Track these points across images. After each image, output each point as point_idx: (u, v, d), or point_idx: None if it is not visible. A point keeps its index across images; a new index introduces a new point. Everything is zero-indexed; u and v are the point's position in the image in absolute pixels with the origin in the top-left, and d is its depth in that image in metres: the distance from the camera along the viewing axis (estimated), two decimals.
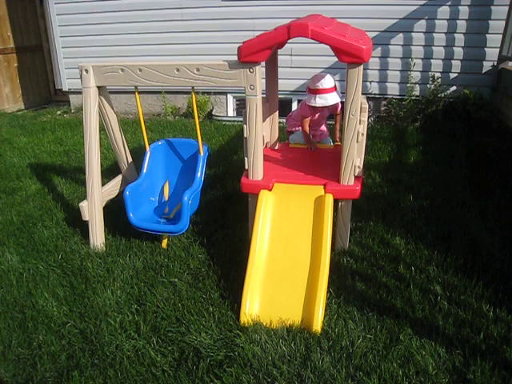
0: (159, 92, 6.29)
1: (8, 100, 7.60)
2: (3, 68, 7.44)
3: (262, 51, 2.44)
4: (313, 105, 3.07)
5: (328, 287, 2.36)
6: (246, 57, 2.47)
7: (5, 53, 7.41)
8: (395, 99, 5.64)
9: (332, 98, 3.05)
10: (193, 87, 2.82)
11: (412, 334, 2.17)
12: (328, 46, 2.42)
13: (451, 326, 2.21)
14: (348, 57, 2.36)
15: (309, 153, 3.22)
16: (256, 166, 2.73)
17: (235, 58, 2.54)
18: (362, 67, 2.41)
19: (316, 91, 3.04)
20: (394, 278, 2.58)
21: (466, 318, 2.25)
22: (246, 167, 2.77)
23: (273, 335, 2.18)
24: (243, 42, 2.50)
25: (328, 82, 3.03)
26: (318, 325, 2.20)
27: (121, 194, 3.09)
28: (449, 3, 5.20)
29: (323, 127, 3.47)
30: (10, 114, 7.18)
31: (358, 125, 2.53)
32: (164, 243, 2.98)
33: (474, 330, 2.17)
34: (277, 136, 3.35)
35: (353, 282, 2.56)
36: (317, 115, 3.26)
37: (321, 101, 3.05)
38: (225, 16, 5.88)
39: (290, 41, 2.51)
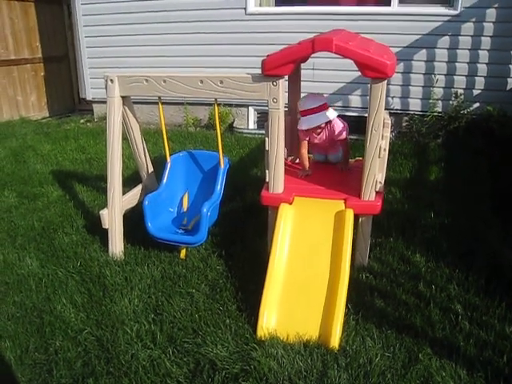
0: (181, 103, 6.35)
1: (34, 108, 7.77)
2: (30, 77, 7.63)
3: (285, 65, 2.46)
4: (299, 128, 2.94)
5: (346, 303, 2.33)
6: (270, 70, 2.48)
7: (33, 62, 7.61)
8: (417, 115, 5.59)
9: (316, 119, 2.85)
10: (216, 99, 2.85)
11: (432, 354, 2.12)
12: (350, 61, 2.42)
13: (472, 347, 2.15)
14: (372, 72, 2.36)
15: (330, 167, 3.19)
16: (277, 179, 2.73)
17: (258, 71, 2.55)
18: (385, 82, 2.40)
19: (301, 113, 2.91)
20: (414, 295, 2.54)
21: (488, 340, 2.19)
22: (267, 180, 2.77)
23: (289, 350, 2.15)
24: (267, 56, 2.51)
25: (308, 102, 2.86)
26: (335, 341, 2.17)
27: (141, 203, 3.12)
28: (473, 20, 5.16)
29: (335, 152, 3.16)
30: (35, 121, 7.33)
31: (380, 140, 2.52)
32: (182, 253, 2.98)
33: (496, 353, 2.11)
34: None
35: (372, 299, 2.52)
36: (316, 140, 3.02)
37: (306, 123, 2.88)
38: (248, 29, 5.94)
39: (313, 55, 2.52)
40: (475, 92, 5.42)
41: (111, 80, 2.85)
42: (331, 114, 2.92)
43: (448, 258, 2.87)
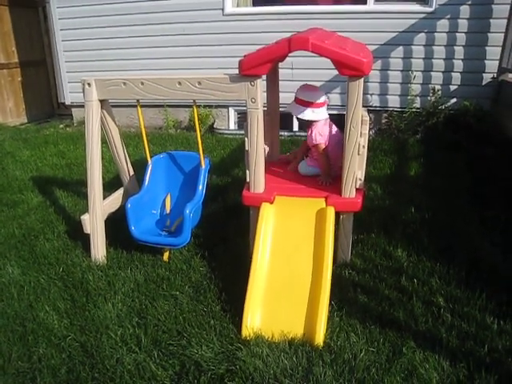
0: (161, 105, 6.32)
1: (11, 114, 7.66)
2: (7, 82, 7.51)
3: (262, 65, 2.46)
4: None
5: (330, 300, 2.35)
6: (247, 70, 2.49)
7: (9, 67, 7.49)
8: (396, 111, 5.66)
9: (294, 109, 2.87)
10: (194, 100, 2.84)
11: (415, 347, 2.15)
12: (328, 60, 2.44)
13: (455, 338, 2.19)
14: (349, 70, 2.38)
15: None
16: (257, 179, 2.73)
17: (236, 71, 2.56)
18: (362, 80, 2.42)
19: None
20: (397, 290, 2.57)
21: (469, 331, 2.23)
22: (248, 180, 2.78)
23: (274, 348, 2.16)
24: (244, 56, 2.52)
25: (302, 93, 2.85)
26: (320, 338, 2.18)
27: (122, 206, 3.10)
28: (448, 16, 5.24)
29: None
30: (13, 127, 7.23)
31: (358, 137, 2.54)
32: (165, 256, 2.97)
33: (478, 343, 2.15)
34: (278, 149, 3.36)
35: (355, 295, 2.54)
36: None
37: (289, 108, 2.91)
38: (226, 30, 5.95)
39: (290, 54, 2.52)
40: (452, 87, 5.50)
41: (88, 84, 2.83)
42: (309, 114, 2.83)
43: (429, 252, 2.91)
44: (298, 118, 2.95)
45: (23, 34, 7.64)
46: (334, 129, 2.96)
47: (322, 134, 2.87)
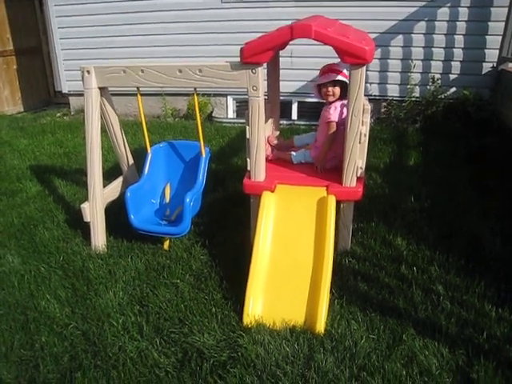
0: (159, 94, 6.29)
1: (8, 102, 7.60)
2: (2, 70, 7.44)
3: (264, 52, 2.45)
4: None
5: (331, 288, 2.36)
6: (249, 58, 2.47)
7: (4, 55, 7.41)
8: (395, 100, 5.64)
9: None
10: (195, 88, 2.83)
11: (415, 334, 2.17)
12: (328, 48, 2.43)
13: (454, 325, 2.21)
14: (351, 58, 2.36)
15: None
16: (258, 167, 2.73)
17: (236, 59, 2.54)
18: (364, 68, 2.41)
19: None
20: (396, 278, 2.58)
21: (468, 318, 2.25)
22: (249, 168, 2.77)
23: (276, 336, 2.18)
24: (245, 43, 2.50)
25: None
26: (321, 325, 2.20)
27: (122, 195, 3.09)
28: (448, 5, 5.21)
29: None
30: (9, 116, 7.18)
31: (360, 126, 2.53)
32: (166, 244, 2.97)
33: (476, 330, 2.17)
34: (279, 137, 3.36)
35: (355, 283, 2.56)
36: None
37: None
38: (225, 18, 5.89)
39: (290, 42, 2.51)
40: (452, 77, 5.48)
41: (88, 71, 2.81)
42: (342, 77, 2.77)
43: (429, 240, 2.92)
44: (323, 88, 2.85)
45: (18, 21, 7.54)
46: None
47: (338, 113, 2.83)
